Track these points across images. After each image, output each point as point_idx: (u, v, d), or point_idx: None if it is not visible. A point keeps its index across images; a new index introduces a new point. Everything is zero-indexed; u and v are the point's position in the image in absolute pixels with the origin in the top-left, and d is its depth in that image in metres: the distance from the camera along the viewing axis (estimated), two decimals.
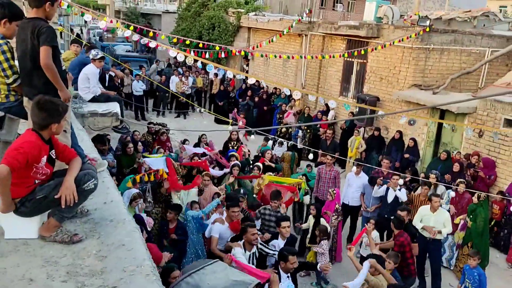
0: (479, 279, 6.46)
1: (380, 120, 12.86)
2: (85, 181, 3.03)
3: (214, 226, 6.17)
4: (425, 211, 7.42)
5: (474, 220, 7.67)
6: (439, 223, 7.26)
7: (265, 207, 7.13)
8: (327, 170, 9.17)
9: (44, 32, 3.43)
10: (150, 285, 2.47)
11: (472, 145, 10.26)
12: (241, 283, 3.59)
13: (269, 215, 7.02)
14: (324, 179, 9.11)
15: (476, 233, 7.64)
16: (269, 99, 16.27)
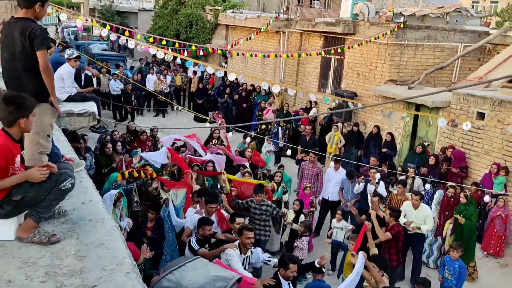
0: (459, 271, 6.53)
1: (358, 116, 13.04)
2: (62, 181, 3.00)
3: (191, 218, 6.22)
4: (408, 208, 7.61)
5: (469, 218, 7.72)
6: (421, 220, 7.44)
7: (252, 200, 7.18)
8: (310, 166, 9.36)
9: (39, 35, 3.36)
10: (131, 283, 2.48)
11: (446, 138, 10.51)
12: (222, 278, 3.62)
13: (254, 208, 7.12)
14: (307, 175, 9.31)
15: (469, 231, 7.74)
16: (248, 96, 16.29)
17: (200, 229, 5.69)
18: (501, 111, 9.20)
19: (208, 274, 3.65)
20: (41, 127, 3.57)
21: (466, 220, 7.71)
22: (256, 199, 7.14)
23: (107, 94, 15.71)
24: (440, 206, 8.40)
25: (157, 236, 6.34)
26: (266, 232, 7.28)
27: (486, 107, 9.52)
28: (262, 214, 7.12)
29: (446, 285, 6.67)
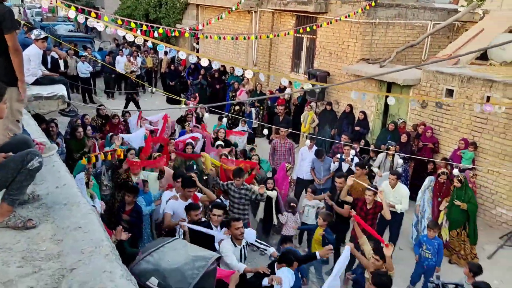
0: (438, 248, 6.63)
1: (331, 95, 13.14)
2: (29, 160, 2.91)
3: (168, 204, 6.15)
4: (385, 187, 7.70)
5: (469, 200, 7.66)
6: (397, 199, 7.59)
7: (231, 183, 7.12)
8: (282, 143, 9.48)
9: (8, 17, 3.26)
10: (110, 264, 2.46)
11: (417, 115, 10.73)
12: (201, 258, 3.62)
13: (233, 191, 7.08)
14: (279, 151, 9.44)
15: (473, 214, 7.73)
16: (221, 77, 16.16)
17: (188, 215, 5.64)
18: (469, 88, 9.44)
19: (187, 254, 3.65)
20: (10, 112, 3.47)
21: (468, 204, 7.63)
22: (235, 183, 7.06)
23: (75, 77, 15.29)
24: (432, 192, 8.23)
25: (134, 219, 6.29)
26: (244, 216, 7.17)
27: (455, 84, 9.74)
28: (241, 198, 7.06)
29: (427, 264, 6.70)
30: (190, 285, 3.41)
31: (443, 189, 8.11)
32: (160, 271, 3.41)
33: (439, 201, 8.07)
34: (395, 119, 11.20)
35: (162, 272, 3.40)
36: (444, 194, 8.06)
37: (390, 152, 9.05)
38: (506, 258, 8.06)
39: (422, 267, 6.83)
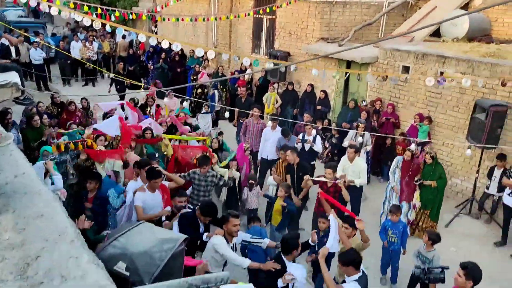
0: (403, 231, 6.69)
1: (292, 75, 13.25)
2: None
3: (136, 196, 5.94)
4: (345, 162, 7.92)
5: (439, 177, 7.81)
6: (355, 173, 7.77)
7: (194, 171, 7.04)
8: (255, 123, 9.58)
9: None
10: (76, 251, 2.45)
11: (376, 92, 11.01)
12: (169, 240, 3.65)
13: (198, 180, 7.02)
14: (252, 131, 9.55)
15: (443, 189, 7.88)
16: (181, 60, 15.94)
17: (172, 200, 5.58)
18: (424, 64, 9.76)
19: (155, 237, 3.66)
20: None
21: (438, 180, 7.79)
22: (201, 171, 6.98)
23: (27, 64, 14.69)
24: (401, 172, 8.25)
25: (97, 207, 6.17)
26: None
27: (410, 61, 10.03)
28: (207, 185, 7.03)
29: (393, 248, 6.70)
30: (158, 267, 3.44)
31: (410, 167, 8.07)
32: (128, 255, 3.41)
33: (406, 181, 8.07)
34: (355, 97, 11.44)
35: (130, 256, 3.40)
36: (413, 173, 8.05)
37: (359, 131, 9.21)
38: (461, 226, 8.50)
39: (389, 252, 6.82)
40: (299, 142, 8.79)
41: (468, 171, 9.19)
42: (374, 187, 9.99)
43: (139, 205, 5.85)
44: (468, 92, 8.98)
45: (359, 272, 4.43)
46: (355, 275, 4.40)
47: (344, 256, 4.54)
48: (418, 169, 8.02)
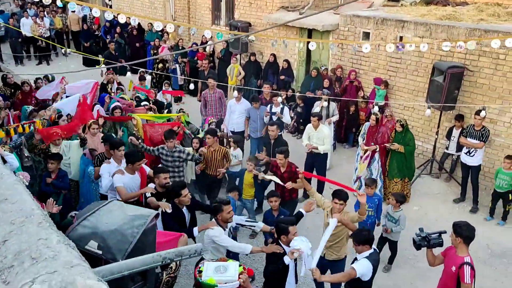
0: (378, 203, 6.72)
1: (254, 46, 13.13)
2: None
3: (115, 178, 5.79)
4: (310, 129, 8.03)
5: (407, 144, 7.88)
6: (320, 140, 7.90)
7: (162, 146, 6.97)
8: (211, 93, 9.55)
9: None
10: (45, 232, 2.39)
11: (338, 60, 11.09)
12: (139, 216, 3.63)
13: (165, 155, 6.95)
14: (210, 102, 9.54)
15: (410, 154, 7.98)
16: (140, 35, 15.47)
17: (155, 178, 5.47)
18: (383, 29, 9.87)
19: (125, 214, 3.63)
20: None
21: (406, 146, 7.87)
22: (167, 145, 6.89)
23: None
24: (366, 136, 8.34)
25: (61, 184, 6.18)
26: (180, 178, 7.11)
27: (370, 27, 10.13)
28: (175, 161, 6.95)
29: (370, 222, 6.62)
30: (131, 244, 3.43)
31: (376, 131, 8.19)
32: (99, 234, 3.39)
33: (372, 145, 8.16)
34: (317, 65, 11.50)
35: (101, 234, 3.38)
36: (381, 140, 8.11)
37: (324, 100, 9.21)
38: (423, 185, 8.85)
39: (366, 225, 6.59)
40: (267, 115, 8.81)
41: (428, 133, 9.51)
42: (341, 154, 10.21)
43: (121, 185, 5.71)
44: (427, 56, 9.19)
45: (371, 249, 4.56)
46: (366, 251, 4.54)
47: (358, 236, 4.59)
48: (385, 136, 8.09)
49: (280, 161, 6.62)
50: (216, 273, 3.82)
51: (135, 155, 6.08)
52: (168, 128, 7.62)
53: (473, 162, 7.95)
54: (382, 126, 8.23)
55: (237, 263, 4.03)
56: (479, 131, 7.85)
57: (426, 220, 7.70)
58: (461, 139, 8.17)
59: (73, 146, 6.78)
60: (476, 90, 8.52)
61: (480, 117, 7.78)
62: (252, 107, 8.96)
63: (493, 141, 8.31)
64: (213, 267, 3.87)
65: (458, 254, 4.48)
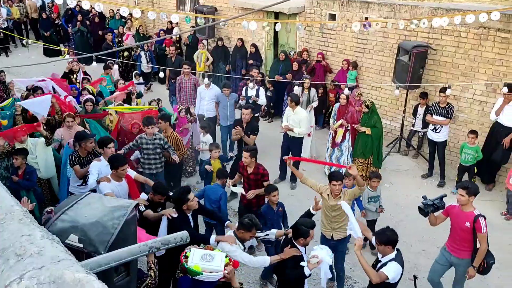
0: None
1: (221, 31, 13.02)
2: None
3: (101, 186, 5.43)
4: (288, 112, 8.12)
5: (374, 125, 7.88)
6: (296, 122, 7.98)
7: (141, 136, 6.85)
8: (186, 79, 9.54)
9: None
10: (27, 228, 2.36)
11: (305, 42, 11.16)
12: (119, 207, 3.62)
13: (146, 143, 6.85)
14: (185, 88, 9.53)
15: (376, 137, 7.99)
16: (102, 22, 15.05)
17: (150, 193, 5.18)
18: (349, 11, 9.98)
19: (104, 206, 3.62)
20: None
21: (372, 128, 7.89)
22: (147, 132, 6.76)
23: None
24: (336, 116, 8.49)
25: (27, 183, 6.05)
26: (161, 164, 7.06)
27: (336, 8, 10.22)
28: (156, 148, 6.86)
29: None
30: (112, 235, 3.43)
31: (345, 111, 8.35)
32: (79, 227, 3.37)
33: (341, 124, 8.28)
34: (285, 49, 11.54)
35: (81, 227, 3.36)
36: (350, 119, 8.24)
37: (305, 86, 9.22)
38: (393, 163, 9.11)
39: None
40: (243, 100, 8.84)
41: (395, 111, 9.76)
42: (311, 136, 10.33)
43: (109, 191, 5.31)
44: (392, 36, 9.38)
45: (394, 250, 4.44)
46: (391, 254, 4.41)
47: (381, 236, 4.47)
48: (353, 119, 8.22)
49: (246, 159, 6.05)
50: (202, 261, 3.79)
51: (118, 159, 5.69)
52: (140, 116, 7.54)
53: (439, 138, 8.26)
54: (351, 106, 8.38)
55: (223, 254, 3.96)
56: (444, 108, 8.13)
57: (397, 196, 7.96)
58: (427, 117, 8.43)
59: (39, 145, 6.56)
60: (439, 68, 8.77)
61: (445, 95, 8.06)
62: (222, 93, 8.94)
63: (457, 117, 8.62)
64: (200, 255, 3.85)
65: (467, 210, 4.92)
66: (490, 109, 8.09)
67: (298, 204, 7.93)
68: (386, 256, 4.44)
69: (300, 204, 7.98)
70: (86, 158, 6.22)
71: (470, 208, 4.94)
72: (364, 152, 8.07)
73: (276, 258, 4.56)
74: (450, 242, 5.22)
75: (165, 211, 4.94)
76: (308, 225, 4.58)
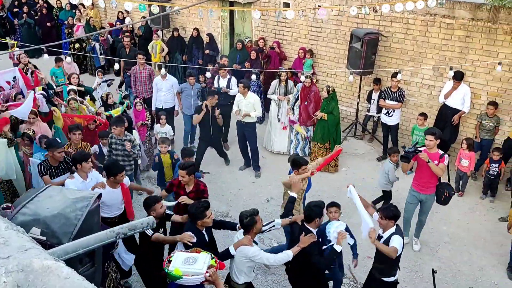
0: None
1: (176, 21, 12.88)
2: None
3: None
4: (238, 97, 8.21)
5: (331, 112, 8.15)
6: (250, 107, 8.09)
7: (111, 136, 6.73)
8: (141, 69, 9.46)
9: None
10: None
11: (261, 31, 11.25)
12: (81, 199, 3.60)
13: (115, 144, 6.74)
14: (140, 78, 9.48)
15: (333, 123, 8.26)
16: (51, 13, 14.50)
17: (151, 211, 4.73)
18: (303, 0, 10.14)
19: (66, 198, 3.58)
20: None
21: (329, 115, 8.15)
22: (115, 133, 6.64)
23: None
24: (300, 96, 8.68)
25: None
26: (130, 167, 6.95)
27: None
28: (125, 150, 6.73)
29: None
30: (76, 226, 3.41)
31: (308, 93, 8.58)
32: (41, 220, 3.33)
33: (305, 104, 8.60)
34: (241, 38, 11.58)
35: (43, 220, 3.32)
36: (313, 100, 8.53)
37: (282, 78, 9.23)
38: (349, 147, 9.40)
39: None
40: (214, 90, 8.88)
41: (350, 97, 10.05)
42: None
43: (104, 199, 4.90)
44: (344, 24, 9.62)
45: (394, 225, 4.68)
46: (392, 228, 4.66)
47: (387, 211, 4.68)
48: (317, 97, 8.54)
49: (183, 178, 5.36)
50: (184, 264, 3.68)
51: (116, 166, 5.42)
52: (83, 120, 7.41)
53: (392, 121, 8.62)
54: (313, 85, 8.78)
55: (208, 256, 3.81)
56: (396, 93, 8.49)
57: (355, 179, 8.24)
58: (380, 102, 8.77)
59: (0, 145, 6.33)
60: (390, 54, 9.11)
61: (396, 80, 8.41)
62: (186, 83, 8.95)
63: (408, 101, 9.00)
64: (183, 258, 3.72)
65: (433, 151, 5.85)
66: (438, 92, 8.51)
67: (259, 190, 8.11)
68: (387, 230, 4.71)
69: (261, 190, 8.16)
70: (58, 167, 5.82)
71: (435, 150, 5.88)
72: (322, 137, 8.38)
73: (296, 249, 4.45)
74: (417, 184, 6.18)
75: (183, 237, 4.40)
76: (322, 205, 4.76)
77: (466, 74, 8.08)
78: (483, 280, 6.04)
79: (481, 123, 7.86)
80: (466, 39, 8.01)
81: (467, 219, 7.23)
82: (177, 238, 4.47)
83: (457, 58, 8.19)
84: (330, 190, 7.87)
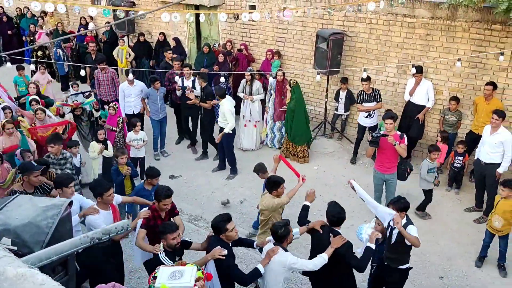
0: None
1: (141, 25, 12.77)
2: None
3: (89, 221, 4.80)
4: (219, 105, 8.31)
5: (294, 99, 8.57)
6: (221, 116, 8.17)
7: (48, 154, 6.45)
8: (103, 73, 9.49)
9: None
10: None
11: (228, 34, 11.29)
12: (52, 207, 3.53)
13: (52, 163, 6.41)
14: (103, 82, 9.50)
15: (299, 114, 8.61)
16: (11, 21, 14.11)
17: (162, 240, 4.34)
18: (268, 2, 10.24)
19: (36, 206, 3.52)
20: None
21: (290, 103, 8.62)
22: (52, 152, 6.36)
23: None
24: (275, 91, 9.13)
25: None
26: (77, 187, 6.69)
27: (256, 0, 10.44)
28: (63, 170, 6.42)
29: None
30: (47, 235, 3.35)
31: (282, 88, 9.06)
32: (11, 230, 3.25)
33: (282, 98, 9.04)
34: (208, 41, 11.58)
35: (14, 230, 3.25)
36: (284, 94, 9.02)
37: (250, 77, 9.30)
38: (319, 146, 9.55)
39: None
40: (179, 89, 8.92)
41: (318, 97, 10.21)
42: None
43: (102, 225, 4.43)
44: (310, 25, 9.78)
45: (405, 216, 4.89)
46: (403, 219, 4.84)
47: (398, 204, 4.88)
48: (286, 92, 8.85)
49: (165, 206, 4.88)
50: (170, 279, 3.50)
51: (101, 184, 4.99)
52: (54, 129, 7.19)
53: (372, 122, 8.67)
54: (286, 80, 9.12)
55: (194, 268, 3.64)
56: (372, 94, 8.55)
57: (326, 177, 8.39)
58: (358, 107, 8.69)
59: None
60: (355, 54, 9.31)
61: (366, 83, 8.46)
62: (151, 88, 8.89)
63: None
64: (169, 273, 3.55)
65: (393, 133, 6.44)
66: (402, 89, 8.76)
67: (232, 192, 8.12)
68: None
69: (233, 192, 8.18)
70: (33, 194, 5.25)
71: (394, 132, 6.53)
72: (291, 135, 8.76)
73: (330, 251, 4.42)
74: (380, 166, 6.77)
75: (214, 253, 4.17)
76: (342, 207, 4.72)
77: (428, 71, 8.36)
78: (452, 269, 6.25)
79: (444, 117, 8.13)
80: (427, 37, 8.29)
81: (435, 211, 7.46)
82: (208, 258, 4.21)
83: (419, 55, 8.46)
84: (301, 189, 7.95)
